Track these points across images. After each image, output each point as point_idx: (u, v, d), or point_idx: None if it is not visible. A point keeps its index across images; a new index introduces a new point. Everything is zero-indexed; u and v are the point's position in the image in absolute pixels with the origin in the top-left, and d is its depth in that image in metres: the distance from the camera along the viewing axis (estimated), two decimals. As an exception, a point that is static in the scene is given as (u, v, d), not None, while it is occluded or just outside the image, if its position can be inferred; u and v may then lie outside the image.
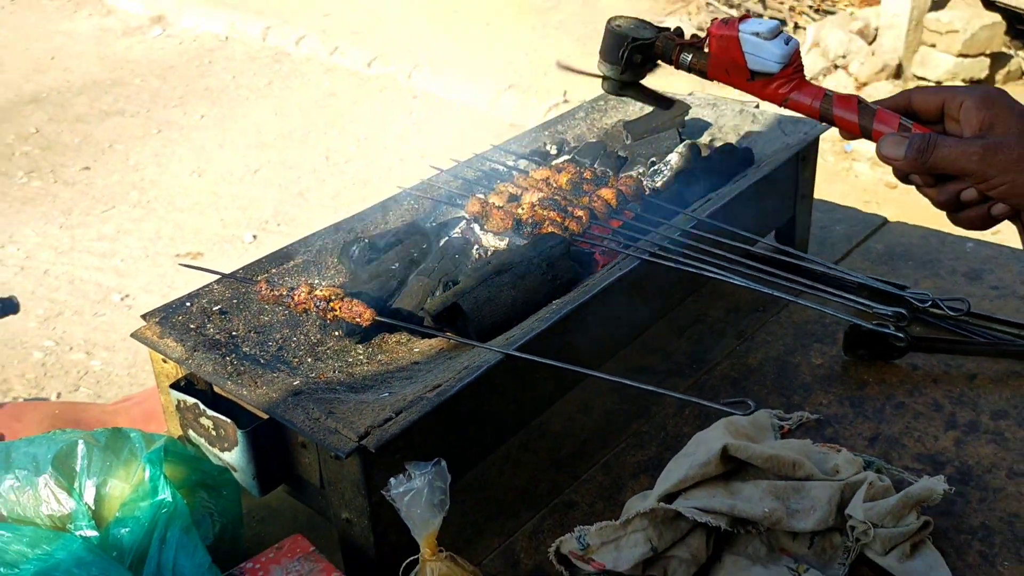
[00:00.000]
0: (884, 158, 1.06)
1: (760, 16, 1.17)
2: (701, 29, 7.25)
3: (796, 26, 6.83)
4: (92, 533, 1.17)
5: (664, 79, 1.32)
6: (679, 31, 1.20)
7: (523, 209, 1.58)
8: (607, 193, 1.61)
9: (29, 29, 8.37)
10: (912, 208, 2.39)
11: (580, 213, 1.56)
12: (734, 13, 6.98)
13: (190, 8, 8.23)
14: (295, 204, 5.74)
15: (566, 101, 6.20)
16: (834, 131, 1.18)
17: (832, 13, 6.90)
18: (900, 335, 1.49)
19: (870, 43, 6.42)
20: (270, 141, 6.38)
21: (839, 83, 6.23)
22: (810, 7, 6.99)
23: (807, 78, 1.15)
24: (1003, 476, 1.46)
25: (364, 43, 7.33)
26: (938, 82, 6.22)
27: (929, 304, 1.49)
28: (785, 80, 1.12)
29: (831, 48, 6.36)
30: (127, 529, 1.16)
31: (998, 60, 6.35)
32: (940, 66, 6.23)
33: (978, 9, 6.30)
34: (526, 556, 1.37)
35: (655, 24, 1.24)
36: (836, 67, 6.38)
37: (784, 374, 1.69)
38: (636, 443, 1.56)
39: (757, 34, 1.10)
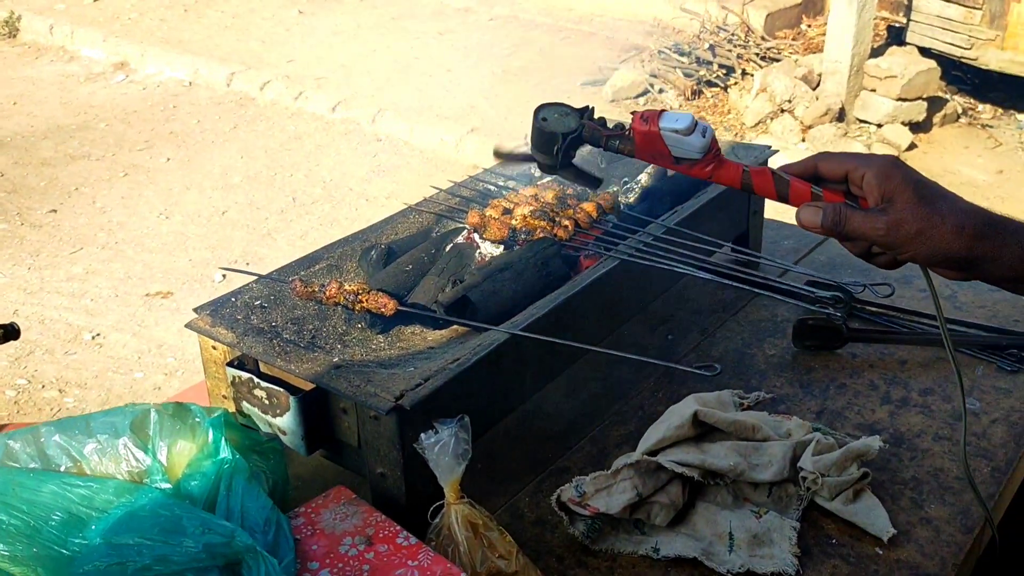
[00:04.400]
0: (803, 225, 1.23)
1: (677, 111, 1.33)
2: (655, 76, 7.53)
3: (744, 72, 7.22)
4: (166, 486, 1.37)
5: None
6: (602, 121, 1.34)
7: (517, 220, 1.82)
8: (588, 206, 1.87)
9: (-10, 75, 8.48)
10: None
11: (566, 223, 1.81)
12: (685, 61, 7.36)
13: (153, 55, 8.42)
14: (264, 244, 5.90)
15: (527, 144, 6.48)
16: (778, 165, 1.36)
17: (778, 60, 7.30)
18: (839, 314, 1.76)
19: (814, 88, 6.78)
20: (237, 183, 6.55)
21: (786, 126, 6.58)
22: (756, 55, 7.39)
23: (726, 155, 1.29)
24: (929, 440, 1.73)
25: (328, 88, 7.58)
26: (879, 124, 6.60)
27: (862, 289, 1.76)
28: (706, 163, 1.27)
29: (777, 93, 6.71)
30: (196, 482, 1.36)
31: (934, 103, 6.75)
32: (880, 109, 6.59)
33: (915, 56, 6.72)
34: (528, 510, 1.59)
35: (575, 108, 1.36)
36: (783, 111, 6.72)
37: (743, 363, 1.95)
38: (618, 420, 1.80)
39: (676, 131, 1.24)
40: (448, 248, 1.83)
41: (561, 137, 1.34)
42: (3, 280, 5.63)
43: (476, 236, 1.84)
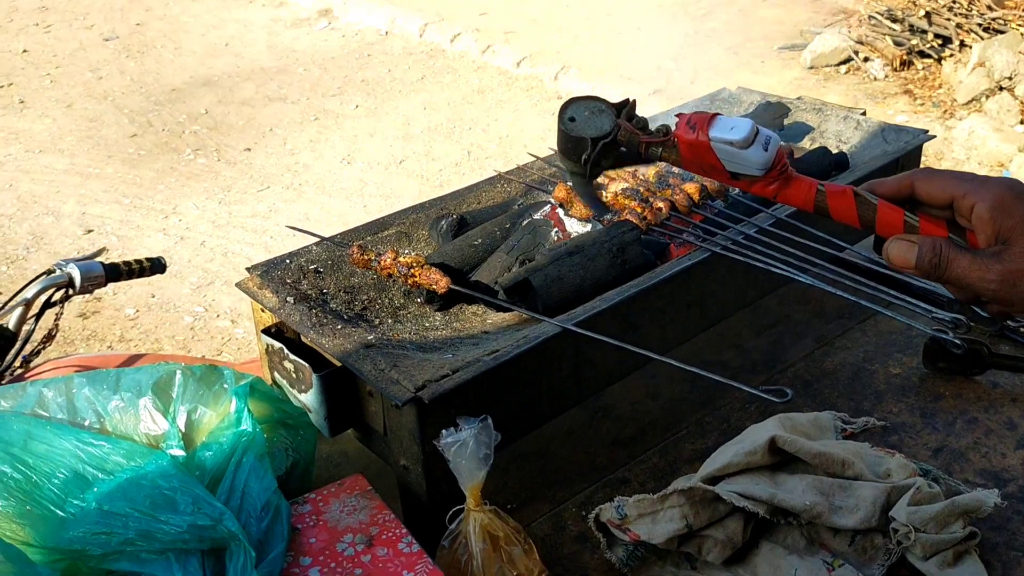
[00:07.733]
0: (892, 264, 0.99)
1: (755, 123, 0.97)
2: (861, 42, 6.99)
3: (962, 44, 6.55)
4: (180, 453, 1.32)
5: (768, 77, 1.27)
6: (642, 122, 1.10)
7: (607, 197, 1.65)
8: (690, 187, 1.66)
9: (208, 16, 8.97)
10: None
11: (660, 205, 1.62)
12: (896, 28, 6.74)
13: (355, 3, 8.63)
14: (434, 196, 5.93)
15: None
16: (990, 148, 1.07)
17: (1003, 32, 6.58)
18: (957, 342, 1.48)
19: (1041, 66, 6.09)
20: (417, 133, 6.62)
21: (1003, 106, 5.95)
22: (979, 25, 6.68)
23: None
24: (1070, 500, 1.43)
25: (516, 43, 7.51)
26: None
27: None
28: (769, 180, 1.04)
29: (997, 68, 6.08)
30: (211, 452, 1.30)
31: None
32: (1118, 92, 5.82)
33: None
34: (573, 523, 1.44)
35: (610, 105, 1.12)
36: (1001, 88, 6.09)
37: (858, 380, 1.70)
38: (697, 432, 1.60)
39: (730, 143, 1.02)
40: (524, 224, 1.68)
41: (591, 143, 1.10)
42: (196, 212, 5.94)
43: (560, 212, 1.68)
